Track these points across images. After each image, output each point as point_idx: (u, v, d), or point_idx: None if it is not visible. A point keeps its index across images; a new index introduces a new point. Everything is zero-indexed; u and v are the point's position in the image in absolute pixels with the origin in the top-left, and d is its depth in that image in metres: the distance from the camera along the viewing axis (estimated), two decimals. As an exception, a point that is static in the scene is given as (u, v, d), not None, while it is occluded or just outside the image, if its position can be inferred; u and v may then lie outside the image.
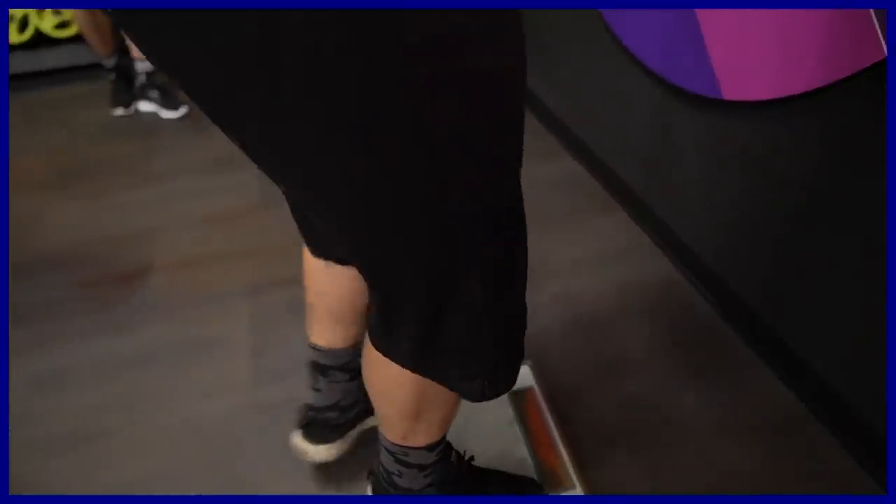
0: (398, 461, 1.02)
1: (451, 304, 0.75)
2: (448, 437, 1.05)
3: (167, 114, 2.66)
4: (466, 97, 0.61)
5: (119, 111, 2.69)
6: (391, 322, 0.81)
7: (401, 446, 0.99)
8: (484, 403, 1.34)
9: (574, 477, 1.22)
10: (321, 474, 1.28)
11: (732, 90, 1.34)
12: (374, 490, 1.12)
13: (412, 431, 0.96)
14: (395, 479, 1.05)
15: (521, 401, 1.38)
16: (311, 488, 1.26)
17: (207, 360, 1.56)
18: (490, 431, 1.32)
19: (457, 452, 1.11)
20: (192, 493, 1.27)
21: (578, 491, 1.20)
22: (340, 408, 1.21)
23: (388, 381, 0.90)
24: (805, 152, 1.23)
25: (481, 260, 0.74)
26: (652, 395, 1.40)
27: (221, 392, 1.47)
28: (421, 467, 1.02)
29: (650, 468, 1.26)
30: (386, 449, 1.02)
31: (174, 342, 1.61)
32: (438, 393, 0.89)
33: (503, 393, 0.86)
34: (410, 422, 0.95)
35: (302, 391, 1.45)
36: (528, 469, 1.25)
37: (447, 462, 1.07)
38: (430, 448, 1.00)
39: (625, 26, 1.68)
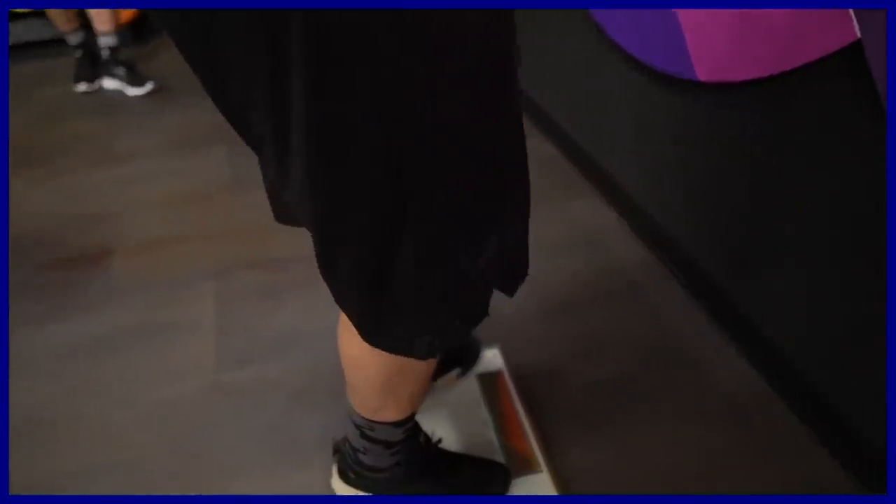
0: (364, 436, 1.01)
1: (391, 262, 0.72)
2: (424, 423, 1.06)
3: (133, 91, 2.59)
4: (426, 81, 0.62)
5: (82, 87, 2.61)
6: (341, 289, 0.79)
7: (368, 420, 0.99)
8: (453, 387, 1.35)
9: (541, 460, 1.22)
10: (291, 459, 1.26)
11: (707, 72, 1.33)
12: (339, 468, 1.11)
13: (381, 406, 0.96)
14: (361, 456, 1.04)
15: (490, 384, 1.37)
16: (279, 473, 1.24)
17: (172, 344, 1.53)
18: (458, 414, 1.31)
19: (425, 434, 1.10)
20: (156, 480, 1.24)
21: (545, 475, 1.19)
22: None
23: (357, 352, 0.90)
24: (778, 132, 1.22)
25: (420, 223, 0.71)
26: (622, 378, 1.39)
27: (186, 376, 1.44)
28: (387, 444, 1.02)
29: (619, 451, 1.25)
30: (354, 423, 1.02)
31: (137, 326, 1.58)
32: (407, 366, 0.88)
33: (453, 346, 0.83)
34: (379, 395, 0.95)
35: (268, 374, 1.43)
36: (496, 452, 1.24)
37: (414, 442, 1.07)
38: (397, 424, 1.00)
39: (605, 14, 1.66)
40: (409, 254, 0.70)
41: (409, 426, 1.03)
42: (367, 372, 0.93)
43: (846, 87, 1.03)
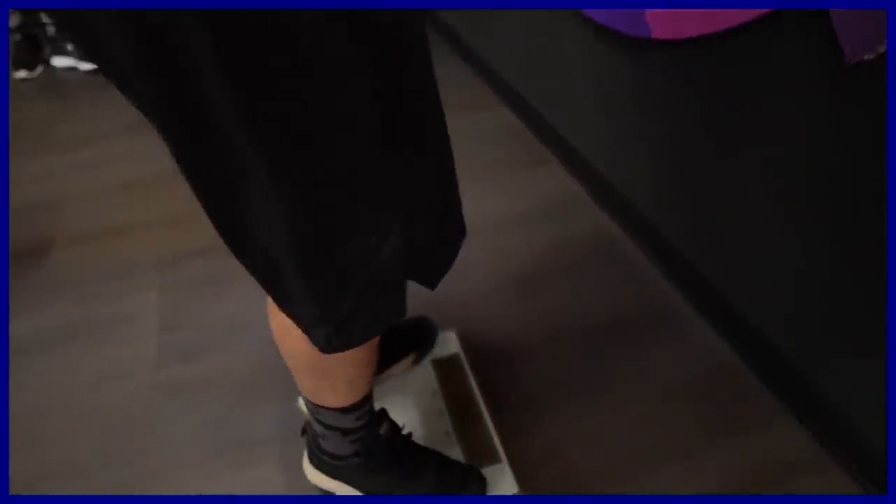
0: (317, 420, 0.98)
1: (268, 247, 0.66)
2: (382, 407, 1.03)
3: (87, 64, 2.46)
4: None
5: (21, 73, 2.48)
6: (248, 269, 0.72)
7: (313, 404, 0.95)
8: (407, 374, 1.28)
9: (500, 451, 1.15)
10: (240, 457, 1.19)
11: (661, 30, 1.25)
12: (308, 450, 1.07)
13: (316, 389, 0.92)
14: (321, 441, 1.02)
15: (446, 369, 1.30)
16: (225, 475, 1.17)
17: (112, 339, 1.44)
18: (412, 403, 1.24)
19: (391, 425, 1.04)
20: (93, 488, 1.16)
21: (505, 466, 1.13)
22: None
23: (277, 329, 0.87)
24: (739, 88, 1.15)
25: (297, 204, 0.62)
26: (586, 357, 1.33)
27: (127, 374, 1.36)
28: (343, 431, 0.98)
29: (584, 434, 1.19)
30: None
31: (76, 322, 1.49)
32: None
33: (355, 345, 0.75)
34: (311, 378, 0.90)
35: (214, 367, 1.35)
36: (453, 444, 1.17)
37: (373, 432, 1.01)
38: (344, 411, 0.95)
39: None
40: (285, 240, 0.63)
41: (361, 414, 0.97)
42: (292, 351, 0.88)
43: (805, 39, 0.96)
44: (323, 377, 0.88)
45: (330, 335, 0.72)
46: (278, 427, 1.23)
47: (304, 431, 1.08)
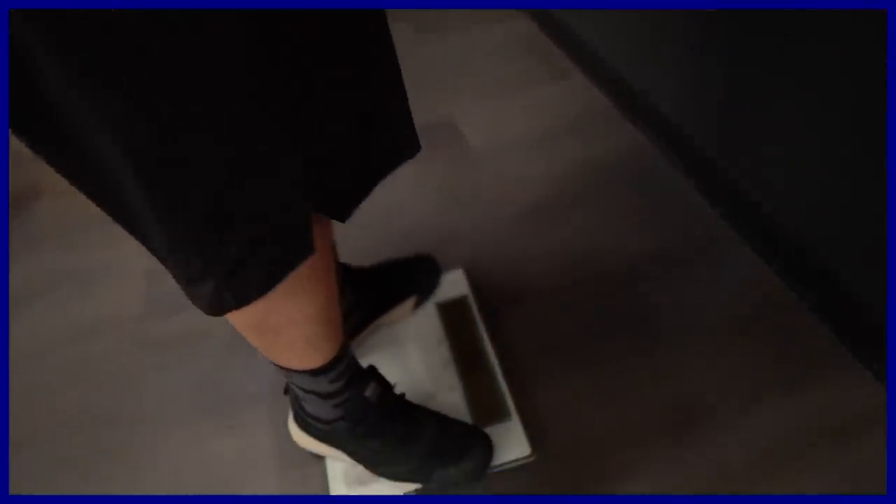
0: (291, 381, 0.86)
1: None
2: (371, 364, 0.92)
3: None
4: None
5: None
6: None
7: (276, 364, 0.82)
8: (412, 318, 1.14)
9: (511, 406, 1.01)
10: (223, 419, 1.08)
11: None
12: (293, 411, 0.96)
13: (271, 349, 0.78)
14: (303, 402, 0.90)
15: (452, 314, 1.15)
16: (212, 437, 1.07)
17: (98, 290, 1.34)
18: (414, 353, 1.10)
19: (379, 385, 0.90)
20: (76, 453, 1.07)
21: (515, 422, 0.99)
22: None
23: None
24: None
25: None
26: (614, 299, 1.16)
27: (109, 328, 1.26)
28: (320, 395, 0.86)
29: (605, 389, 1.04)
30: None
31: (61, 272, 1.39)
32: (274, 304, 0.67)
33: (253, 297, 0.60)
34: (259, 336, 0.75)
35: (201, 324, 1.24)
36: (458, 398, 1.04)
37: (357, 395, 0.88)
38: (313, 373, 0.82)
39: None
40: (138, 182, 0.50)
41: (336, 376, 0.84)
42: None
43: None
44: (270, 336, 0.74)
45: (219, 291, 0.58)
46: (268, 384, 1.12)
47: (286, 390, 0.96)
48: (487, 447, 0.94)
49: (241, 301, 0.60)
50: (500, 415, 1.01)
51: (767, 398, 0.99)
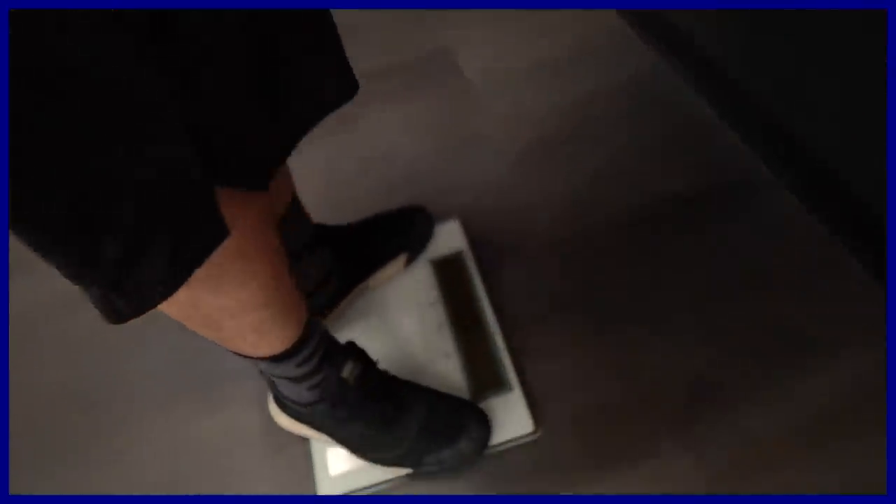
0: (257, 366, 0.77)
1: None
2: (358, 334, 0.87)
3: None
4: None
5: None
6: None
7: (234, 353, 0.73)
8: (402, 278, 1.03)
9: (512, 376, 0.91)
10: (211, 396, 1.00)
11: None
12: (272, 392, 0.87)
13: (219, 339, 0.68)
14: (277, 385, 0.81)
15: (448, 270, 1.04)
16: (197, 417, 0.98)
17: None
18: (404, 317, 1.00)
19: (359, 362, 0.80)
20: (61, 439, 1.00)
21: (517, 394, 0.89)
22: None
23: None
24: None
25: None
26: (628, 252, 1.03)
27: (85, 301, 1.17)
28: (291, 379, 0.77)
29: (615, 357, 0.93)
30: None
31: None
32: (199, 297, 0.58)
33: (151, 304, 0.49)
34: (204, 329, 0.65)
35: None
36: (453, 366, 0.94)
37: (333, 375, 0.78)
38: (274, 360, 0.72)
39: None
40: None
41: (303, 359, 0.74)
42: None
43: None
44: (213, 329, 0.64)
45: (109, 298, 0.47)
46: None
47: (261, 371, 0.87)
48: (484, 425, 0.84)
49: (139, 307, 0.48)
50: (499, 386, 0.90)
51: (791, 369, 0.88)
